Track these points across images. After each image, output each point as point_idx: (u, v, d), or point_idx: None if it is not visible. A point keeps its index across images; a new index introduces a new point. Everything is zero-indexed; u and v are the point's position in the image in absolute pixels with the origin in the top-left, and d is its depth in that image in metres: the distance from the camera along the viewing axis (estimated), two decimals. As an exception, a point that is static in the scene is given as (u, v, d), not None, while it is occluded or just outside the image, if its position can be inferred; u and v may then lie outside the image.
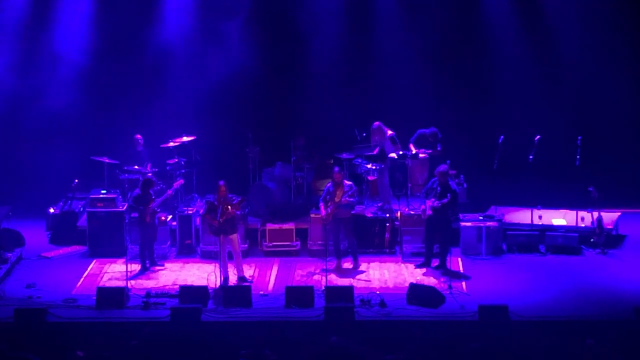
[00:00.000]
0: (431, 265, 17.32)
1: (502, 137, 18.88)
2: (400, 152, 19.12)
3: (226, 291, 15.84)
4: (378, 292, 15.98)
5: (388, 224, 18.31)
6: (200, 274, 17.15)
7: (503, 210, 19.02)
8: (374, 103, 20.65)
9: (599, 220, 17.97)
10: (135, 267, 17.25)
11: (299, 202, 19.79)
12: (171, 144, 19.45)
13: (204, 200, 18.30)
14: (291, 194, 19.96)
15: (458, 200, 17.33)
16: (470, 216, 18.35)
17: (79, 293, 16.35)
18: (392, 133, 19.27)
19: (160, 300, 15.80)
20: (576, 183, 18.58)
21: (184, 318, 14.81)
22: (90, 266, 17.72)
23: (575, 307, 15.41)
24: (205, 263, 17.71)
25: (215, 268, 16.59)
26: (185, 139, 19.53)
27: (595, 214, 18.02)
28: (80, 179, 19.59)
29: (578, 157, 18.64)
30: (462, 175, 19.46)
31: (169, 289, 16.37)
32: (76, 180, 19.49)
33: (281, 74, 21.12)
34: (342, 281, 16.80)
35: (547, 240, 18.13)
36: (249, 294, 15.75)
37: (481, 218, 18.24)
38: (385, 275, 17.18)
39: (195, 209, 18.84)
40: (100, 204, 18.50)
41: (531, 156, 18.58)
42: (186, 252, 18.38)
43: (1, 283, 16.79)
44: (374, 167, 19.08)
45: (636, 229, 18.84)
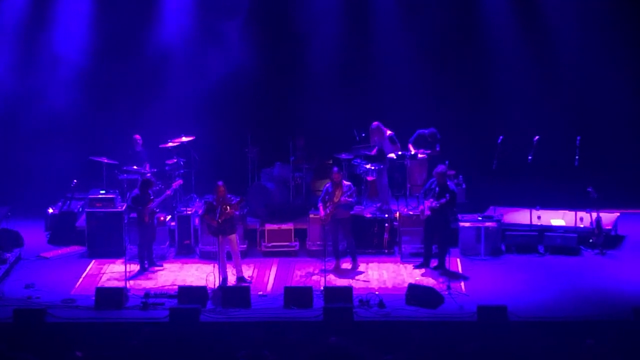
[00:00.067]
0: (430, 266, 17.31)
1: (501, 138, 18.87)
2: (399, 153, 19.11)
3: (225, 291, 15.83)
4: (377, 293, 15.96)
5: (387, 225, 18.29)
6: (199, 275, 17.15)
7: (502, 211, 19.01)
8: (373, 103, 20.64)
9: (598, 220, 17.97)
10: (134, 268, 17.24)
11: (298, 203, 19.78)
12: (170, 144, 19.45)
13: (203, 201, 18.28)
14: (290, 194, 19.95)
15: (456, 200, 17.32)
16: (469, 216, 18.33)
17: (78, 293, 16.34)
18: (391, 133, 19.27)
19: (159, 300, 15.79)
20: (575, 183, 18.57)
21: (183, 318, 14.80)
22: (89, 266, 17.71)
23: (574, 308, 15.40)
24: (204, 263, 17.70)
25: (214, 268, 16.59)
26: (184, 139, 19.53)
27: (594, 215, 18.02)
28: (79, 179, 19.58)
29: (577, 158, 18.63)
30: (461, 176, 19.47)
31: (167, 290, 16.36)
32: (75, 180, 19.48)
33: (280, 74, 21.12)
34: (341, 281, 16.79)
35: (546, 240, 18.12)
36: (247, 294, 15.74)
37: (480, 218, 18.22)
38: (384, 275, 17.17)
39: (194, 210, 18.83)
40: (99, 204, 18.49)
41: (530, 156, 18.58)
42: (185, 253, 18.38)
43: (0, 283, 16.78)
44: (373, 168, 19.07)
45: (635, 230, 18.84)
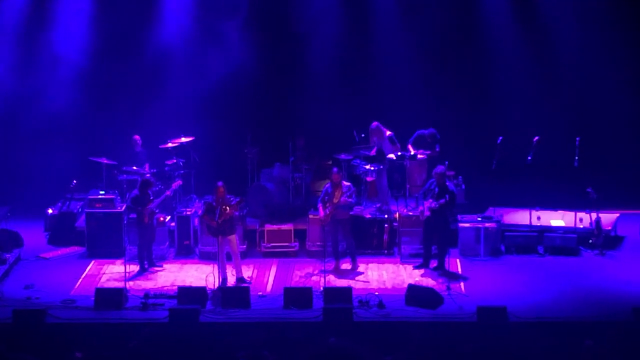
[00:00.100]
0: (430, 266, 17.31)
1: (501, 138, 18.87)
2: (399, 153, 19.11)
3: (225, 292, 15.83)
4: (376, 293, 15.96)
5: (386, 225, 18.29)
6: (199, 275, 17.14)
7: (501, 211, 19.00)
8: (372, 103, 20.63)
9: (598, 221, 17.97)
10: (134, 268, 17.23)
11: (298, 203, 19.78)
12: (170, 144, 19.44)
13: (203, 201, 18.28)
14: (290, 194, 19.95)
15: (456, 201, 17.32)
16: (469, 217, 18.32)
17: (78, 294, 16.34)
18: (391, 133, 19.27)
19: (158, 301, 15.80)
20: (575, 184, 18.56)
21: (183, 319, 14.80)
22: (89, 267, 17.71)
23: (574, 308, 15.40)
24: (203, 264, 17.69)
25: (213, 269, 16.59)
26: (183, 139, 19.52)
27: (594, 215, 18.02)
28: (78, 179, 19.58)
29: (576, 158, 18.63)
30: (461, 176, 19.46)
31: (167, 290, 16.36)
32: (74, 181, 19.47)
33: (280, 74, 21.11)
34: (341, 282, 16.79)
35: (546, 241, 18.12)
36: (247, 294, 15.74)
37: (480, 219, 18.22)
38: (384, 276, 17.17)
39: (193, 210, 18.82)
40: (98, 205, 18.50)
41: (530, 157, 18.58)
42: (185, 253, 18.37)
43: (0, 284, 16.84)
44: (372, 168, 19.07)
45: (634, 230, 18.83)
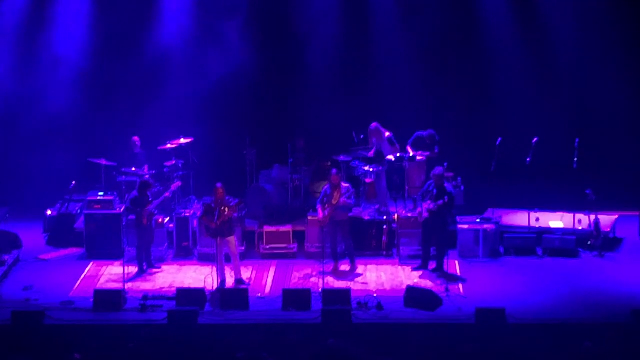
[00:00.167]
0: (428, 268, 17.30)
1: (500, 140, 18.87)
2: (398, 155, 19.10)
3: (223, 293, 15.82)
4: (375, 295, 15.94)
5: (385, 227, 18.28)
6: (198, 277, 17.13)
7: (500, 213, 19.00)
8: (372, 104, 20.63)
9: (596, 222, 17.96)
10: (133, 270, 17.21)
11: (297, 205, 19.77)
12: (169, 145, 19.44)
13: (202, 203, 18.26)
14: (288, 196, 19.94)
15: (454, 202, 17.31)
16: (468, 219, 18.30)
17: (76, 295, 16.33)
18: (390, 134, 19.26)
19: (157, 302, 15.79)
20: (573, 185, 18.59)
21: (181, 320, 14.79)
22: (88, 268, 17.70)
23: (573, 310, 15.40)
24: (202, 265, 17.67)
25: (212, 270, 16.57)
26: (182, 141, 19.52)
27: (593, 217, 18.02)
28: (77, 181, 19.55)
29: (575, 160, 18.63)
30: (460, 178, 19.44)
31: (166, 292, 16.36)
32: (73, 182, 19.45)
33: (279, 75, 21.11)
34: (339, 284, 16.78)
35: (545, 242, 18.10)
36: (246, 296, 15.73)
37: (478, 220, 18.21)
38: (383, 277, 17.16)
39: (192, 211, 18.82)
40: (97, 206, 18.49)
41: (528, 158, 18.57)
42: (183, 255, 18.36)
43: (-2, 285, 16.83)
44: (371, 170, 19.07)
45: (633, 232, 18.82)
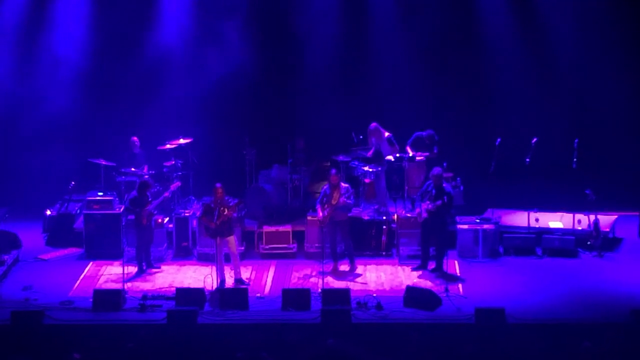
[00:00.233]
0: (428, 268, 17.30)
1: (499, 140, 18.86)
2: (397, 155, 19.10)
3: (223, 293, 15.82)
4: (375, 295, 15.95)
5: (385, 227, 18.28)
6: (197, 277, 17.12)
7: (500, 213, 19.00)
8: (371, 104, 20.63)
9: (596, 223, 17.96)
10: (132, 270, 17.20)
11: (296, 205, 19.77)
12: (168, 146, 19.44)
13: (201, 203, 18.27)
14: (288, 196, 19.94)
15: (453, 202, 17.30)
16: (467, 219, 18.30)
17: (76, 295, 16.32)
18: (390, 134, 19.26)
19: (156, 302, 15.79)
20: (573, 186, 18.58)
21: (181, 320, 14.78)
22: (87, 268, 17.69)
23: (572, 310, 15.39)
24: (201, 265, 17.66)
25: (211, 270, 16.57)
26: (182, 141, 19.51)
27: (592, 217, 18.01)
28: (77, 181, 19.55)
29: (575, 160, 18.63)
30: (459, 178, 19.43)
31: (165, 292, 16.35)
32: (73, 182, 19.45)
33: (278, 75, 21.11)
34: (339, 284, 16.78)
35: (544, 243, 18.10)
36: (245, 296, 15.72)
37: (478, 221, 18.20)
38: (382, 277, 17.16)
39: (192, 211, 18.81)
40: (96, 206, 18.48)
41: (528, 159, 18.57)
42: (183, 255, 18.35)
43: (-2, 285, 16.82)
44: (370, 170, 19.07)
45: (633, 232, 18.82)
